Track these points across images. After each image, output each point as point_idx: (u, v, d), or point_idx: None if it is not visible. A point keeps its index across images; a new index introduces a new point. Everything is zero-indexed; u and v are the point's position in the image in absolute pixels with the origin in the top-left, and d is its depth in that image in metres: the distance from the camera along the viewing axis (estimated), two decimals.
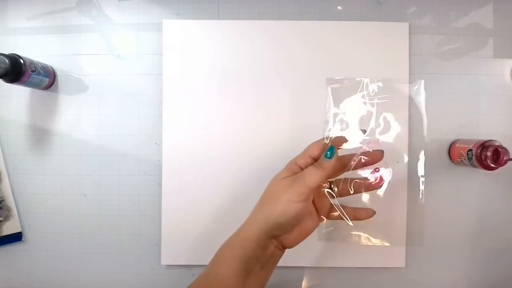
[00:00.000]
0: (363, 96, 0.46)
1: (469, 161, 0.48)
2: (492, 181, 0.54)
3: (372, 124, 0.46)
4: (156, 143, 0.54)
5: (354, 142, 0.44)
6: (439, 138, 0.54)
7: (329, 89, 0.46)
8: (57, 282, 0.55)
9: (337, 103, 0.46)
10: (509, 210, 0.54)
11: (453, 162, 0.53)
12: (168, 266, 0.55)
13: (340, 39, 0.53)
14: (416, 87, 0.50)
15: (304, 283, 0.55)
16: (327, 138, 0.43)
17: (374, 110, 0.46)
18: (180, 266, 0.55)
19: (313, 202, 0.43)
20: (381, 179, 0.45)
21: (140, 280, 0.55)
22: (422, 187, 0.48)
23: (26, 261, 0.55)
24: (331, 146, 0.41)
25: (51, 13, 0.55)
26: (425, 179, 0.53)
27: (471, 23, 0.54)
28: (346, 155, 0.44)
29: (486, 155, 0.46)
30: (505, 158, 0.45)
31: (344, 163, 0.44)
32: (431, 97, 0.54)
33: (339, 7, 0.55)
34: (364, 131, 0.44)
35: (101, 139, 0.55)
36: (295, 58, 0.53)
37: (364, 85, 0.46)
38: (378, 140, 0.46)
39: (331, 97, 0.46)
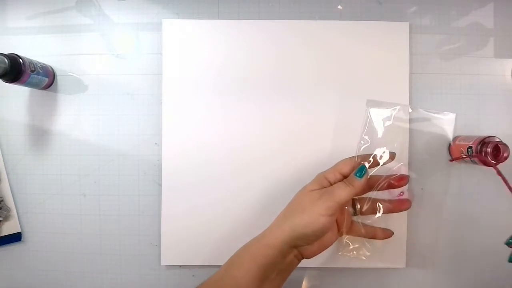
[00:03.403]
0: (394, 119, 0.49)
1: (470, 158, 0.48)
2: (493, 178, 0.53)
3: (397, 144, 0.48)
4: (156, 143, 0.54)
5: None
6: (440, 137, 0.54)
7: (369, 111, 0.48)
8: (57, 282, 0.55)
9: (372, 125, 0.48)
10: (511, 208, 0.54)
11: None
12: (168, 266, 0.55)
13: (341, 39, 0.53)
14: (448, 117, 0.51)
15: (304, 284, 0.55)
16: (359, 157, 0.44)
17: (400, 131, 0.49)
18: (180, 266, 0.54)
19: None
20: (407, 202, 0.47)
21: (140, 280, 0.55)
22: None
23: (26, 261, 0.55)
24: (363, 166, 0.42)
25: (50, 12, 0.55)
26: (425, 178, 0.53)
27: (471, 22, 0.54)
28: (374, 175, 0.45)
29: (486, 151, 0.46)
30: (505, 154, 0.45)
31: (371, 183, 0.45)
32: (432, 96, 0.54)
33: (339, 7, 0.55)
34: (393, 154, 0.45)
35: (101, 139, 0.55)
36: (295, 58, 0.53)
37: (397, 110, 0.49)
38: (406, 166, 0.48)
39: (371, 119, 0.48)
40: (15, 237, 0.54)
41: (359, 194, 0.44)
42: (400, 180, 0.45)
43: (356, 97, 0.52)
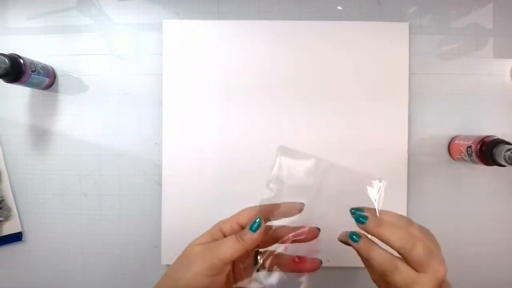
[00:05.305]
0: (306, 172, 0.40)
1: (469, 157, 0.48)
2: (492, 177, 0.54)
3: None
4: (156, 143, 0.54)
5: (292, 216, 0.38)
6: (439, 137, 0.54)
7: (280, 158, 0.40)
8: (57, 282, 0.55)
9: (281, 174, 0.40)
10: (510, 207, 0.54)
11: (453, 158, 0.53)
12: (168, 266, 0.54)
13: (340, 39, 0.53)
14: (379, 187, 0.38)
15: (304, 284, 0.55)
16: (260, 207, 0.38)
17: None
18: None
19: (233, 265, 0.38)
20: (315, 263, 0.40)
21: (140, 280, 0.55)
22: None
23: (26, 261, 0.55)
24: (258, 218, 0.36)
25: (51, 13, 0.55)
26: (425, 177, 0.53)
27: (471, 23, 0.54)
28: (283, 227, 0.38)
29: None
30: None
31: (278, 236, 0.38)
32: (432, 97, 0.54)
33: (339, 7, 0.55)
34: (302, 205, 0.38)
35: (101, 139, 0.55)
36: (295, 57, 0.53)
37: (311, 162, 0.40)
38: (315, 229, 0.39)
39: (282, 168, 0.40)
40: (16, 237, 0.54)
41: (260, 246, 0.38)
42: (309, 235, 0.38)
43: (356, 97, 0.52)
